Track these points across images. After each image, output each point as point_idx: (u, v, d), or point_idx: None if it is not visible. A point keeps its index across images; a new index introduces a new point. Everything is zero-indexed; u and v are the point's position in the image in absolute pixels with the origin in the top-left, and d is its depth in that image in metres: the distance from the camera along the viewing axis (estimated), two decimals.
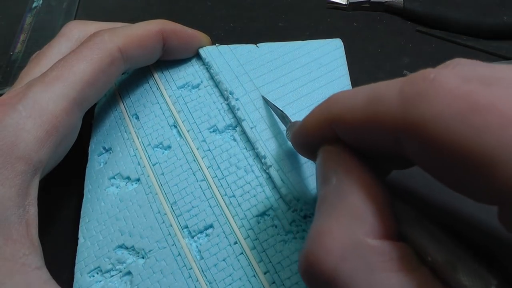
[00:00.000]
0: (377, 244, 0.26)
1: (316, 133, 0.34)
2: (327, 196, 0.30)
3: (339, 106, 0.31)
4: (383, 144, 0.29)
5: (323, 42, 0.57)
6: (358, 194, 0.29)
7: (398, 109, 0.26)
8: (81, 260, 0.45)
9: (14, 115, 0.39)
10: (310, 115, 0.35)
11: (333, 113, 0.31)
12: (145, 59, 0.52)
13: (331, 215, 0.29)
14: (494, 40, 0.63)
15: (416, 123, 0.25)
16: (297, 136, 0.38)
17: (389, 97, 0.27)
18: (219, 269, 0.43)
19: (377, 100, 0.28)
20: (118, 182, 0.49)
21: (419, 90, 0.25)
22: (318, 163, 0.34)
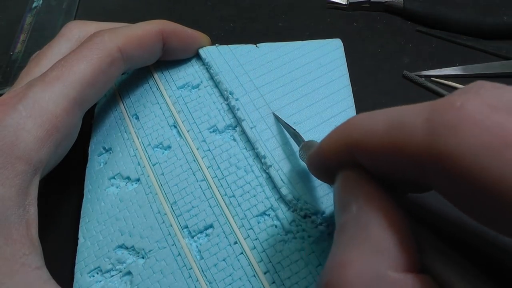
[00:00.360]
0: (401, 277, 0.26)
1: (334, 158, 0.34)
2: (347, 225, 0.30)
3: (359, 131, 0.30)
4: (405, 171, 0.28)
5: (323, 42, 0.57)
6: (380, 225, 0.28)
7: (424, 138, 0.25)
8: (81, 260, 0.45)
9: (14, 115, 0.39)
10: (328, 139, 0.34)
11: (352, 138, 0.31)
12: (145, 59, 0.52)
13: (352, 246, 0.28)
14: (494, 40, 0.63)
15: (444, 155, 0.24)
16: (313, 159, 0.38)
17: (414, 124, 0.26)
18: (219, 269, 0.43)
19: (400, 127, 0.27)
20: (118, 182, 0.49)
21: (446, 119, 0.24)
22: (337, 188, 0.33)
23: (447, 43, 0.64)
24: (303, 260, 0.43)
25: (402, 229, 0.28)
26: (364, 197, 0.30)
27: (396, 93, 0.59)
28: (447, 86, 0.59)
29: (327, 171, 0.36)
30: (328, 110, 0.51)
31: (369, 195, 0.30)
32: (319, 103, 0.52)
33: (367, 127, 0.30)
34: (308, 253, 0.43)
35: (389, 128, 0.28)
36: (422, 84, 0.59)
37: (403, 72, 0.61)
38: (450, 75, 0.60)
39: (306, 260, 0.43)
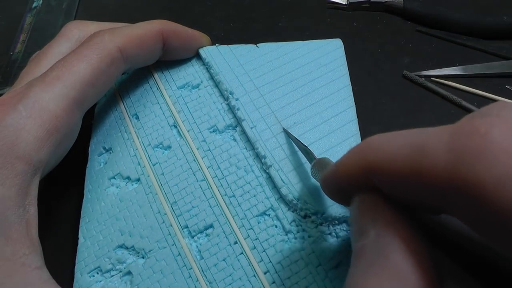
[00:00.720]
0: None
1: (350, 180, 0.33)
2: (365, 250, 0.29)
3: (378, 154, 0.29)
4: (424, 197, 0.27)
5: (323, 42, 0.57)
6: (400, 252, 0.27)
7: (447, 166, 0.24)
8: (81, 260, 0.45)
9: (15, 115, 0.39)
10: (344, 160, 0.33)
11: (370, 161, 0.30)
12: (145, 59, 0.52)
13: (371, 273, 0.27)
14: (494, 40, 0.64)
15: (468, 183, 0.23)
16: (328, 180, 0.37)
17: (436, 149, 0.25)
18: (219, 269, 0.43)
19: (422, 152, 0.26)
20: (118, 182, 0.49)
21: (471, 147, 0.23)
22: (353, 212, 0.33)
23: (447, 43, 0.64)
24: (303, 260, 0.43)
25: (423, 257, 0.27)
26: (383, 222, 0.29)
27: (396, 93, 0.59)
28: (447, 86, 0.59)
29: (342, 192, 0.35)
30: (329, 110, 0.51)
31: (388, 220, 0.29)
32: (319, 103, 0.52)
33: (386, 150, 0.29)
34: (308, 253, 0.43)
35: (410, 153, 0.27)
36: (422, 84, 0.59)
37: (403, 72, 0.61)
38: (450, 75, 0.60)
39: (306, 260, 0.43)
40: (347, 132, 0.50)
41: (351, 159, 0.32)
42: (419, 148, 0.26)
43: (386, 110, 0.58)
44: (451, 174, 0.24)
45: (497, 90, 0.58)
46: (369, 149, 0.30)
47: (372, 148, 0.30)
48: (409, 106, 0.58)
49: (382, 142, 0.30)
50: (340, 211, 0.44)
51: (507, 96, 0.57)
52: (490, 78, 0.60)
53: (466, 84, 0.59)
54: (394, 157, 0.28)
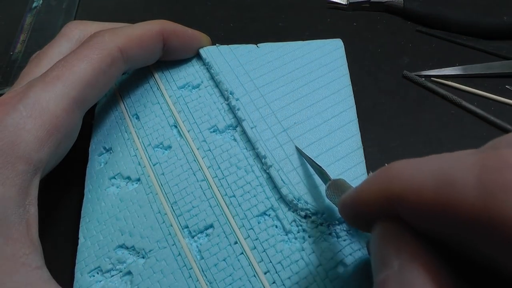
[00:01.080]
0: None
1: (372, 207, 0.32)
2: (389, 282, 0.28)
3: (402, 184, 0.28)
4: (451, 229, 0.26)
5: (323, 42, 0.57)
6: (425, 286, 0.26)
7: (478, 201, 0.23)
8: (82, 260, 0.45)
9: (15, 115, 0.39)
10: (366, 187, 0.32)
11: (394, 191, 0.29)
12: (146, 59, 0.52)
13: None
14: (494, 40, 0.64)
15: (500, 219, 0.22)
16: (347, 205, 0.35)
17: (465, 184, 0.24)
18: (219, 269, 0.43)
19: (449, 185, 0.25)
20: (118, 182, 0.49)
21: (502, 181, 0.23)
22: (375, 240, 0.31)
23: (447, 43, 0.64)
24: (304, 260, 0.43)
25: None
26: (407, 253, 0.28)
27: (396, 93, 0.59)
28: (447, 86, 0.59)
29: (362, 219, 0.34)
30: (329, 110, 0.51)
31: (412, 251, 0.28)
32: (319, 103, 0.52)
33: (411, 180, 0.28)
34: (308, 253, 0.43)
35: (437, 185, 0.26)
36: (422, 84, 0.59)
37: (403, 72, 0.61)
38: (450, 75, 0.60)
39: (307, 260, 0.43)
40: (347, 132, 0.50)
41: (373, 186, 0.31)
42: (447, 181, 0.25)
43: (386, 110, 0.58)
44: (482, 209, 0.23)
45: (497, 90, 0.58)
46: (393, 177, 0.29)
47: (396, 176, 0.29)
48: (409, 106, 0.58)
49: (406, 170, 0.29)
50: None
51: (507, 96, 0.57)
52: (490, 78, 0.60)
53: (466, 84, 0.59)
54: (420, 188, 0.27)
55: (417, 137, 0.55)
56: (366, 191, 0.32)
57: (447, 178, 0.25)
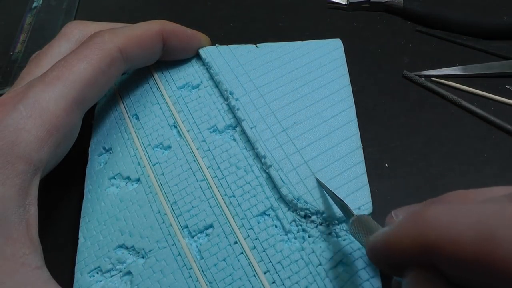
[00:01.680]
0: None
1: (406, 254, 0.31)
2: None
3: (440, 234, 0.28)
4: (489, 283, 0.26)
5: (323, 42, 0.57)
6: None
7: None
8: (81, 260, 0.45)
9: (15, 115, 0.39)
10: (399, 232, 0.31)
11: (430, 239, 0.28)
12: (145, 60, 0.52)
13: None
14: (494, 40, 0.64)
15: None
16: (378, 250, 0.34)
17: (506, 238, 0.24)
18: (219, 269, 0.43)
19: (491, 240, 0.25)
20: (118, 182, 0.49)
21: None
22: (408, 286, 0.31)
23: (447, 43, 0.64)
24: (303, 260, 0.43)
25: None
26: None
27: (396, 93, 0.59)
28: (447, 86, 0.59)
29: (393, 263, 0.33)
30: (328, 110, 0.51)
31: None
32: (319, 103, 0.52)
33: (450, 231, 0.27)
34: (308, 253, 0.43)
35: (478, 239, 0.25)
36: (422, 84, 0.59)
37: (403, 72, 0.61)
38: (450, 75, 0.60)
39: (306, 260, 0.43)
40: (347, 132, 0.50)
41: (407, 233, 0.30)
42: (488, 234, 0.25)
43: (386, 110, 0.58)
44: None
45: (497, 90, 0.58)
46: (430, 225, 0.29)
47: (433, 225, 0.29)
48: (409, 106, 0.58)
49: (443, 218, 0.28)
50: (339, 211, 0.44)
51: (507, 96, 0.57)
52: (490, 78, 0.60)
53: (466, 84, 0.59)
54: (459, 240, 0.26)
55: (417, 137, 0.55)
56: (400, 237, 0.31)
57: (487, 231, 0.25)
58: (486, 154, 0.54)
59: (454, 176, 0.52)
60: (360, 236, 0.39)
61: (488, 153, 0.54)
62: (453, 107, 0.58)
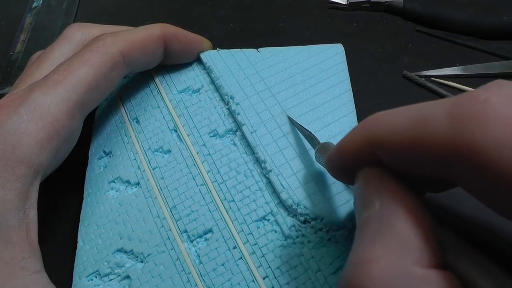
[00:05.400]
0: (426, 273, 0.25)
1: (355, 156, 0.33)
2: (370, 221, 0.29)
3: (380, 128, 0.30)
4: (427, 167, 0.28)
5: (324, 47, 0.57)
6: (404, 221, 0.27)
7: (448, 132, 0.25)
8: (80, 264, 0.45)
9: (16, 118, 0.39)
10: (348, 137, 0.34)
11: (373, 135, 0.30)
12: (147, 63, 0.52)
13: (377, 241, 0.27)
14: (494, 40, 0.64)
15: (469, 148, 0.23)
16: (333, 159, 0.37)
17: (437, 118, 0.26)
18: (218, 274, 0.43)
19: (422, 122, 0.26)
20: (117, 186, 0.49)
21: (471, 112, 0.24)
22: (358, 186, 0.33)
23: (447, 43, 0.64)
24: (303, 266, 0.43)
25: (426, 225, 0.27)
26: (387, 193, 0.30)
27: (396, 93, 0.59)
28: (447, 86, 0.59)
29: (347, 171, 0.35)
30: (329, 115, 0.51)
31: (391, 191, 0.30)
32: (320, 108, 0.52)
33: (388, 123, 0.29)
34: (307, 259, 0.43)
35: (412, 123, 0.27)
36: (422, 84, 0.59)
37: (403, 72, 0.61)
38: (450, 75, 0.60)
39: (306, 265, 0.43)
40: None
41: (355, 135, 0.33)
42: (420, 118, 0.27)
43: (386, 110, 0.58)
44: (452, 141, 0.24)
45: None
46: (372, 123, 0.31)
47: (374, 122, 0.31)
48: None
49: (384, 116, 0.30)
50: (340, 217, 0.44)
51: None
52: (490, 78, 0.59)
53: (466, 84, 0.59)
54: (396, 129, 0.28)
55: None
56: (348, 141, 0.33)
57: (420, 116, 0.27)
58: None
59: None
60: (322, 158, 0.42)
61: None
62: None
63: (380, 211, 0.29)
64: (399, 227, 0.27)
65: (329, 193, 0.46)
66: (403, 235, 0.27)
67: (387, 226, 0.28)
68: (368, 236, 0.29)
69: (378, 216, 0.29)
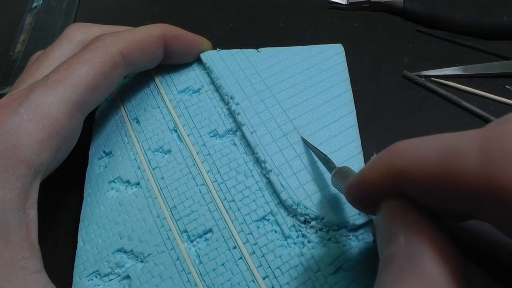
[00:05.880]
0: None
1: (377, 187, 0.32)
2: (395, 257, 0.28)
3: (405, 159, 0.29)
4: (453, 201, 0.27)
5: (324, 47, 0.57)
6: (431, 258, 0.26)
7: (480, 168, 0.24)
8: (80, 264, 0.45)
9: (16, 118, 0.39)
10: (370, 167, 0.33)
11: (397, 166, 0.29)
12: (147, 64, 0.52)
13: (401, 280, 0.27)
14: (494, 40, 0.64)
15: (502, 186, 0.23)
16: (353, 188, 0.36)
17: (467, 152, 0.25)
18: (218, 274, 0.43)
19: (452, 155, 0.26)
20: (118, 186, 0.49)
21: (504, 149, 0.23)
22: (381, 219, 0.32)
23: (447, 43, 0.64)
24: (303, 266, 0.43)
25: (454, 262, 0.27)
26: (412, 228, 0.29)
27: (396, 93, 0.59)
28: (447, 86, 0.59)
29: (368, 201, 0.34)
30: (329, 115, 0.51)
31: (418, 226, 0.29)
32: (320, 108, 0.52)
33: (415, 155, 0.28)
34: (307, 259, 0.43)
35: (441, 157, 0.26)
36: (422, 84, 0.59)
37: (403, 72, 0.61)
38: (450, 75, 0.60)
39: (306, 265, 0.43)
40: (347, 138, 0.50)
41: (378, 165, 0.32)
42: (450, 152, 0.26)
43: (386, 110, 0.58)
44: (484, 177, 0.24)
45: (497, 90, 0.58)
46: (396, 154, 0.30)
47: (399, 153, 0.30)
48: (409, 106, 0.58)
49: (409, 146, 0.29)
50: (340, 217, 0.44)
51: (507, 96, 0.57)
52: (490, 78, 0.60)
53: (466, 84, 0.59)
54: (424, 161, 0.27)
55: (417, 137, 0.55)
56: (370, 171, 0.32)
57: (450, 149, 0.26)
58: None
59: None
60: (340, 185, 0.41)
61: None
62: (453, 107, 0.58)
63: (405, 247, 0.28)
64: (425, 265, 0.26)
65: (329, 193, 0.46)
66: (430, 274, 0.26)
67: (413, 263, 0.27)
68: (393, 273, 0.28)
69: (403, 252, 0.28)
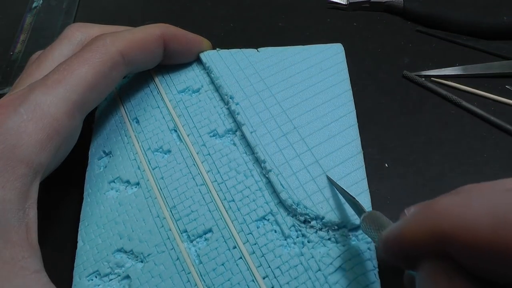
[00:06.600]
0: None
1: (419, 246, 0.30)
2: None
3: (453, 223, 0.27)
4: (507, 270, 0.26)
5: (324, 47, 0.57)
6: None
7: None
8: (80, 264, 0.45)
9: (16, 118, 0.39)
10: (411, 225, 0.31)
11: (444, 229, 0.28)
12: (146, 63, 0.52)
13: None
14: (494, 40, 0.64)
15: None
16: (390, 243, 0.34)
17: None
18: (217, 274, 0.43)
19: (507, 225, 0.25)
20: (117, 186, 0.49)
21: None
22: (424, 279, 0.30)
23: (447, 43, 0.64)
24: (302, 265, 0.43)
25: None
26: None
27: (396, 93, 0.59)
28: (447, 86, 0.59)
29: (407, 257, 0.32)
30: (329, 115, 0.51)
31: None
32: (319, 108, 0.52)
33: (464, 220, 0.27)
34: (307, 258, 0.43)
35: (494, 224, 0.25)
36: (422, 84, 0.59)
37: (403, 72, 0.61)
38: (450, 75, 0.60)
39: (306, 265, 0.43)
40: (347, 137, 0.50)
41: (420, 224, 0.30)
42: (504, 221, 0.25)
43: (386, 110, 0.58)
44: None
45: (497, 90, 0.59)
46: (442, 216, 0.29)
47: (446, 215, 0.28)
48: (409, 106, 0.58)
49: (456, 208, 0.28)
50: (340, 217, 0.44)
51: (507, 96, 0.57)
52: (490, 78, 0.60)
53: (466, 84, 0.59)
54: (475, 227, 0.26)
55: (417, 137, 0.55)
56: (411, 229, 0.31)
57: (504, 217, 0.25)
58: (486, 154, 0.54)
59: (454, 176, 0.53)
60: (371, 232, 0.39)
61: (488, 153, 0.54)
62: (453, 107, 0.58)
63: None
64: None
65: (329, 193, 0.46)
66: None
67: None
68: None
69: None
